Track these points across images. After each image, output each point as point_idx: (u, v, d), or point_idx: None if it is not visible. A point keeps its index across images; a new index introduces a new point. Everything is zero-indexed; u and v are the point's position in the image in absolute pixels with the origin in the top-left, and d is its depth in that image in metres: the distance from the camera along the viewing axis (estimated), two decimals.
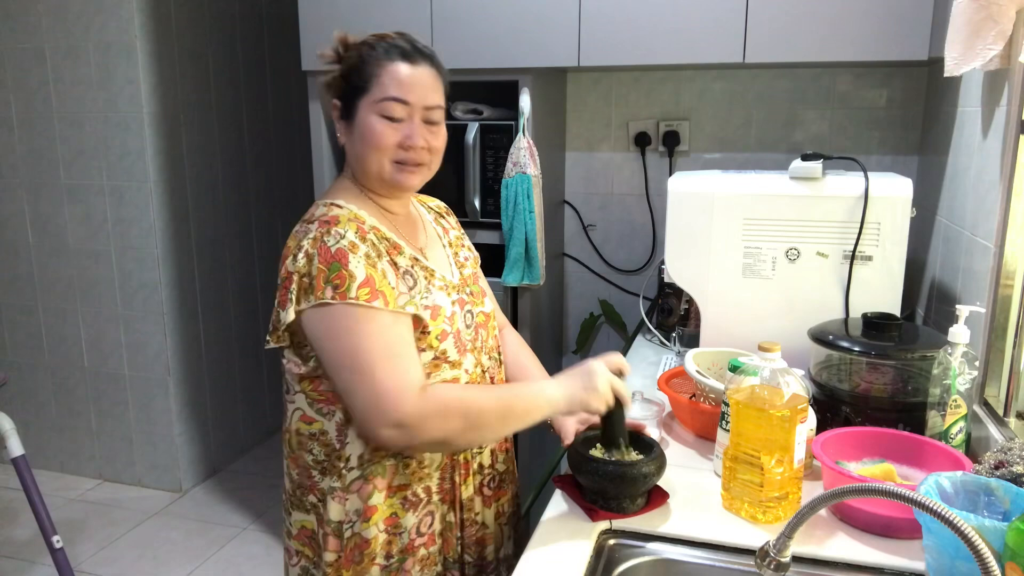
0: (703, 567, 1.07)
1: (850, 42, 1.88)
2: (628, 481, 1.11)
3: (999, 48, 1.27)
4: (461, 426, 1.06)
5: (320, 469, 1.15)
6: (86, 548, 2.73)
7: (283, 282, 1.07)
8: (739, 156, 2.42)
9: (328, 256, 1.04)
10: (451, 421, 1.05)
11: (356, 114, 1.13)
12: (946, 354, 1.21)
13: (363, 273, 1.04)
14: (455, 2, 2.13)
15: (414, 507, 1.16)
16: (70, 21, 2.81)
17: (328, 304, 1.03)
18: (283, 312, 1.07)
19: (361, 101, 1.12)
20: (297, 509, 1.20)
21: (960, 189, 1.62)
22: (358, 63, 1.12)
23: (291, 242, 1.10)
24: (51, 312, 3.12)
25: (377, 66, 1.11)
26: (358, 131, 1.13)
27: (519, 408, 1.10)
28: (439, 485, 1.18)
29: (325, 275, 1.03)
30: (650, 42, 2.02)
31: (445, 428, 1.05)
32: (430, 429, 1.04)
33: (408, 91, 1.11)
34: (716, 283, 1.66)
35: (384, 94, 1.10)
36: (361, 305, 1.03)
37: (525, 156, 2.09)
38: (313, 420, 1.14)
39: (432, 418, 1.03)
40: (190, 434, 3.15)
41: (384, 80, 1.10)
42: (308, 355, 1.10)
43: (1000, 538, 0.83)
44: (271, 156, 3.49)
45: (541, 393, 1.12)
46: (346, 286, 1.02)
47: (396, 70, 1.11)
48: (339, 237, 1.05)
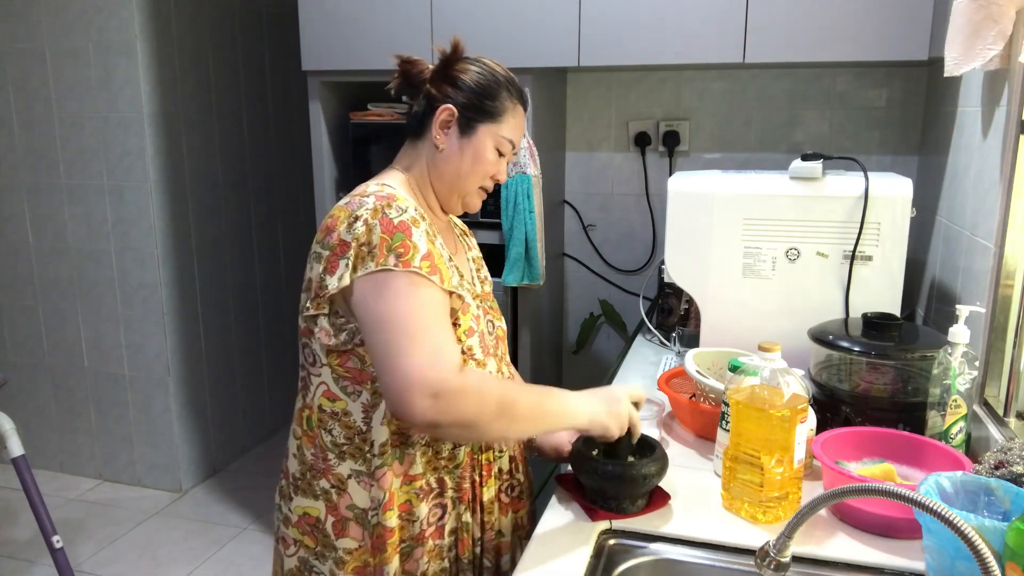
0: (703, 567, 1.07)
1: (850, 42, 1.88)
2: (629, 482, 1.11)
3: (999, 48, 1.27)
4: (494, 411, 1.04)
5: (338, 452, 1.13)
6: (86, 548, 2.73)
7: (335, 248, 1.06)
8: (739, 156, 2.42)
9: (391, 227, 1.04)
10: (487, 403, 1.04)
11: (475, 135, 1.17)
12: (946, 354, 1.21)
13: (425, 247, 1.06)
14: (455, 2, 2.13)
15: (426, 496, 1.15)
16: (70, 21, 2.81)
17: (390, 270, 1.03)
18: (330, 278, 1.05)
19: (485, 125, 1.17)
20: (302, 495, 1.17)
21: (960, 189, 1.62)
22: (491, 88, 1.17)
23: (340, 212, 1.08)
24: (51, 312, 3.12)
25: (510, 102, 1.19)
26: (472, 150, 1.17)
27: (551, 410, 1.11)
28: (458, 484, 1.18)
29: (388, 243, 1.03)
30: (650, 42, 2.02)
31: (479, 408, 1.03)
32: (465, 405, 1.01)
33: (520, 138, 1.22)
34: (716, 283, 1.66)
35: (509, 134, 1.19)
36: (423, 275, 1.04)
37: (525, 156, 2.09)
38: (337, 398, 1.13)
39: (470, 394, 1.02)
40: (190, 434, 3.15)
41: (512, 121, 1.19)
42: (343, 326, 1.09)
43: (1000, 538, 0.83)
44: (271, 156, 3.49)
45: (569, 402, 1.13)
46: (410, 255, 1.03)
47: (520, 116, 1.21)
48: (401, 211, 1.06)
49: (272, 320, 3.57)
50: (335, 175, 2.42)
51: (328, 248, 1.07)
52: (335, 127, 2.41)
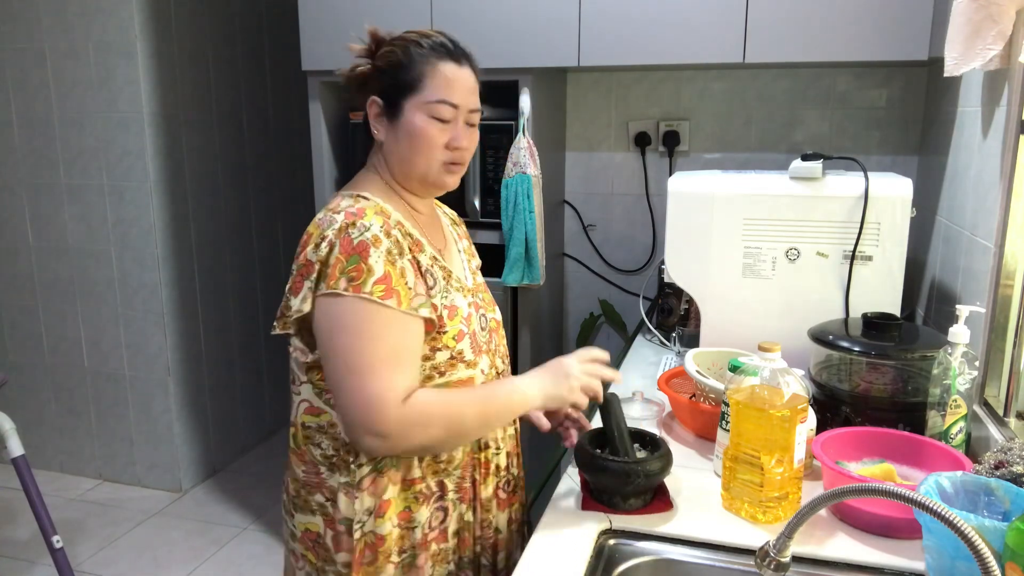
0: (703, 567, 1.07)
1: (850, 42, 1.88)
2: (633, 478, 1.11)
3: (999, 48, 1.27)
4: (442, 434, 1.06)
5: (329, 465, 1.12)
6: (86, 548, 2.73)
7: (300, 269, 1.06)
8: (739, 156, 2.42)
9: (349, 247, 1.02)
10: (432, 429, 1.05)
11: (402, 114, 1.11)
12: (946, 354, 1.21)
13: (381, 269, 1.02)
14: (455, 2, 2.13)
15: (427, 500, 1.14)
16: (70, 21, 2.81)
17: (340, 295, 1.01)
18: (294, 299, 1.05)
19: (408, 100, 1.10)
20: (301, 511, 1.16)
21: (960, 189, 1.62)
22: (404, 60, 1.11)
23: (313, 230, 1.07)
24: (51, 312, 3.12)
25: (427, 65, 1.10)
26: (404, 131, 1.11)
27: (495, 409, 1.11)
28: (458, 484, 1.17)
29: (342, 265, 1.01)
30: (650, 42, 2.02)
31: (426, 436, 1.05)
32: (411, 438, 1.04)
33: (456, 93, 1.11)
34: (716, 283, 1.66)
35: (435, 96, 1.10)
36: (374, 301, 1.01)
37: (525, 156, 2.09)
38: (321, 411, 1.12)
39: (413, 428, 1.03)
40: (190, 434, 3.15)
41: (435, 81, 1.10)
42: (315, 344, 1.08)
43: (1000, 538, 0.83)
44: (271, 156, 3.48)
45: (516, 391, 1.12)
46: (362, 279, 1.01)
47: (445, 71, 1.11)
48: (363, 230, 1.03)
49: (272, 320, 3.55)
50: (335, 175, 2.42)
51: (297, 266, 1.07)
52: (335, 127, 2.41)
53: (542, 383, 1.13)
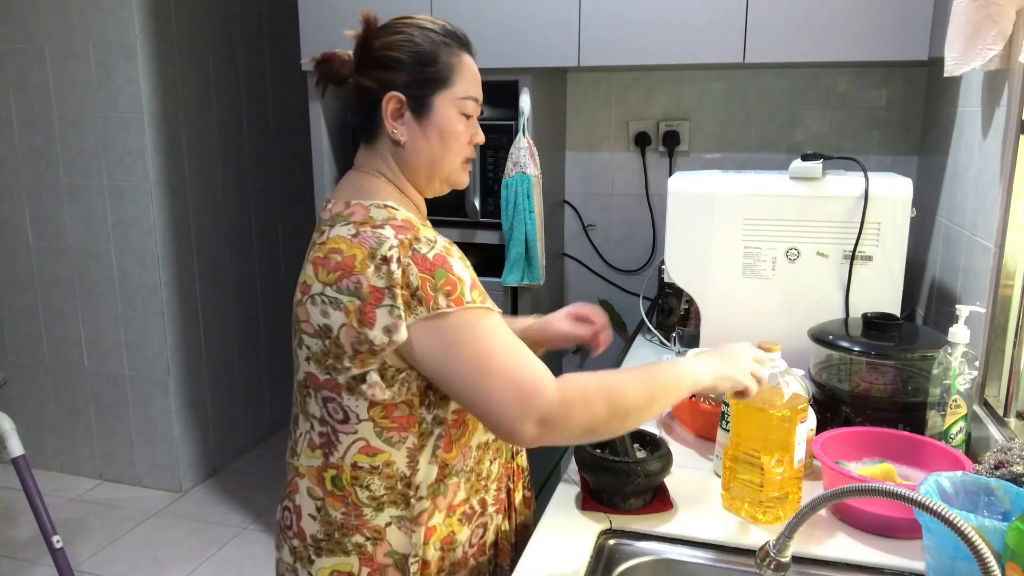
0: (703, 567, 1.07)
1: (850, 42, 1.88)
2: (633, 478, 1.11)
3: (999, 48, 1.27)
4: (606, 412, 0.97)
5: (376, 505, 1.03)
6: (86, 548, 2.73)
7: (367, 298, 0.94)
8: (739, 156, 2.42)
9: (427, 264, 0.94)
10: (595, 406, 0.97)
11: (432, 111, 1.03)
12: (946, 354, 1.21)
13: (467, 275, 0.97)
14: (455, 2, 2.13)
15: (469, 520, 1.10)
16: (70, 21, 2.81)
17: (445, 314, 0.94)
18: (372, 331, 0.94)
19: (438, 96, 1.03)
20: (329, 554, 1.06)
21: (960, 189, 1.62)
22: (430, 52, 1.03)
23: (355, 251, 0.96)
24: (51, 312, 3.12)
25: (454, 57, 1.05)
26: (436, 128, 1.04)
27: (662, 387, 1.02)
28: (495, 496, 1.14)
29: (432, 283, 0.93)
30: (650, 42, 2.02)
31: (590, 415, 0.96)
32: (574, 420, 0.96)
33: (479, 88, 1.08)
34: (716, 283, 1.66)
35: (465, 92, 1.05)
36: (478, 307, 0.96)
37: (525, 156, 2.09)
38: (378, 452, 1.02)
39: (576, 406, 0.95)
40: (190, 434, 3.15)
41: (464, 75, 1.05)
42: (394, 377, 0.99)
43: (1000, 538, 0.83)
44: (271, 156, 3.48)
45: (683, 369, 1.04)
46: (459, 291, 0.95)
47: (469, 65, 1.06)
48: (430, 243, 0.96)
49: (272, 320, 3.57)
50: (335, 175, 2.42)
51: (352, 295, 0.95)
52: (335, 127, 2.41)
53: (711, 364, 1.06)
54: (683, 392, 1.04)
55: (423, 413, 1.02)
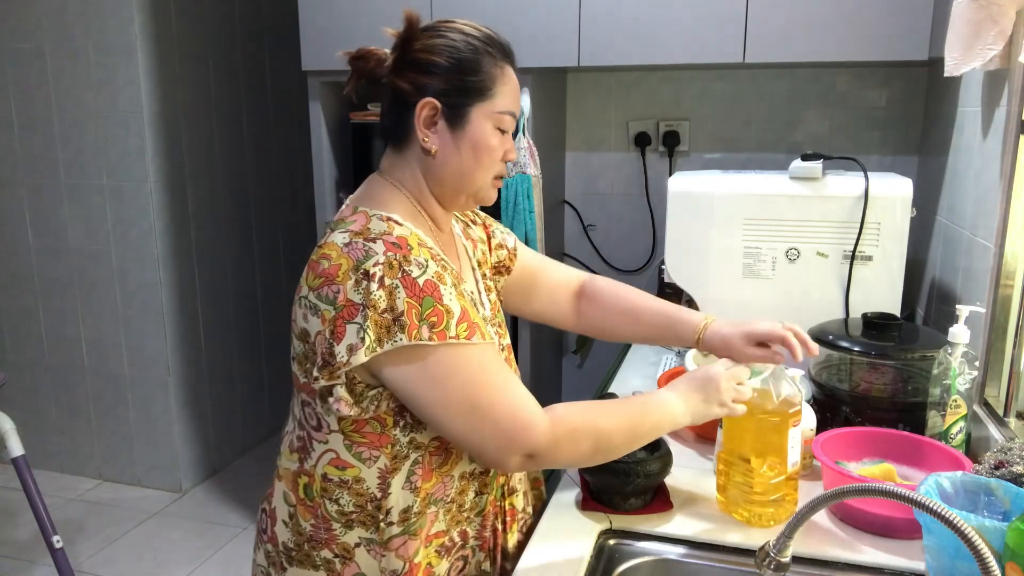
0: (703, 567, 1.07)
1: (850, 42, 1.88)
2: (633, 478, 1.11)
3: (999, 48, 1.27)
4: (590, 449, 0.99)
5: (345, 521, 1.00)
6: (86, 548, 2.73)
7: (341, 310, 0.90)
8: (739, 156, 2.42)
9: (416, 289, 0.89)
10: (581, 445, 0.98)
11: (468, 123, 0.99)
12: (946, 354, 1.21)
13: (458, 307, 0.92)
14: (455, 2, 2.13)
15: (448, 552, 1.06)
16: (70, 21, 2.81)
17: (426, 345, 0.90)
18: (338, 346, 0.90)
19: (476, 107, 0.98)
20: (299, 565, 1.03)
21: (960, 189, 1.62)
22: (472, 61, 0.98)
23: (342, 260, 0.92)
24: (51, 312, 3.12)
25: (496, 68, 0.99)
26: (470, 141, 0.99)
27: (645, 428, 1.03)
28: (478, 532, 1.09)
29: (418, 311, 0.89)
30: (650, 42, 2.02)
31: (576, 452, 0.99)
32: (561, 454, 0.97)
33: (518, 103, 1.03)
34: (716, 283, 1.66)
35: (505, 106, 1.00)
36: (463, 344, 0.92)
37: (525, 156, 2.09)
38: (348, 466, 0.99)
39: (563, 443, 0.96)
40: (190, 434, 3.15)
41: (505, 88, 1.00)
42: (363, 394, 0.95)
43: (1000, 538, 0.83)
44: (271, 156, 3.48)
45: (666, 410, 1.04)
46: (444, 324, 0.90)
47: (511, 78, 1.01)
48: (422, 266, 0.91)
49: (272, 320, 3.57)
50: (335, 175, 2.42)
51: (329, 304, 0.91)
52: (335, 127, 2.41)
53: (691, 403, 1.05)
54: (664, 431, 1.05)
55: (397, 434, 0.98)
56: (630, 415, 1.02)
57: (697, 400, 1.06)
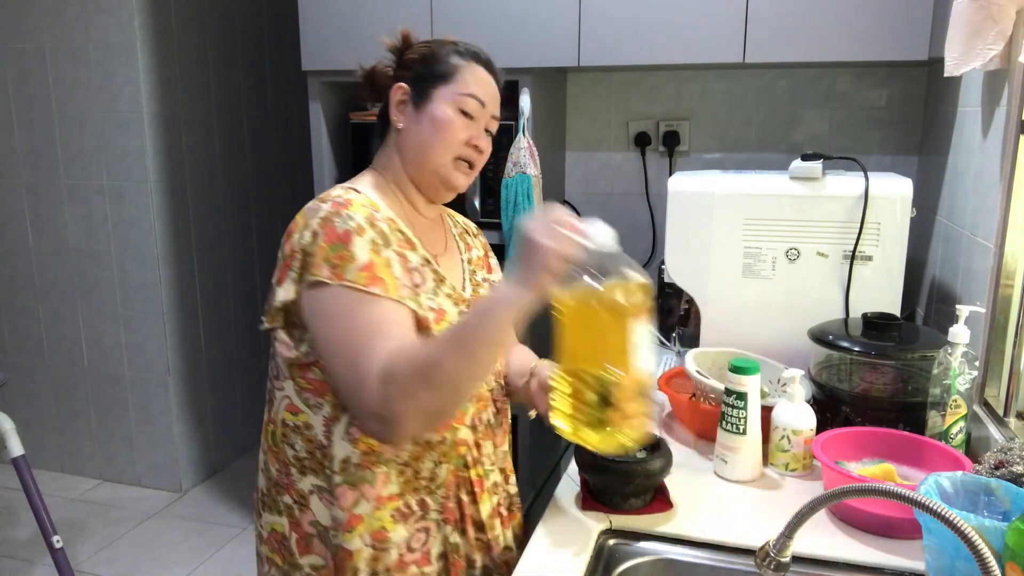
0: (703, 567, 1.07)
1: (850, 42, 1.88)
2: (633, 478, 1.11)
3: (999, 48, 1.27)
4: (429, 393, 0.92)
5: (300, 467, 1.09)
6: (86, 548, 2.73)
7: (285, 259, 1.03)
8: (739, 156, 2.42)
9: (334, 235, 0.98)
10: (417, 394, 0.91)
11: (430, 101, 1.09)
12: (946, 354, 1.21)
13: (366, 257, 0.98)
14: (455, 2, 2.13)
15: (404, 519, 1.08)
16: (70, 21, 2.81)
17: (324, 284, 0.97)
18: (280, 289, 1.03)
19: (438, 89, 1.10)
20: (269, 511, 1.13)
21: (960, 189, 1.62)
22: (439, 54, 1.12)
23: (299, 218, 1.04)
24: (51, 312, 3.12)
25: (461, 60, 1.11)
26: (429, 118, 1.09)
27: (472, 331, 0.92)
28: (442, 504, 1.11)
29: (325, 253, 0.98)
30: (650, 42, 2.02)
31: (416, 402, 0.92)
32: (403, 412, 0.92)
33: (485, 95, 1.12)
34: (716, 283, 1.66)
35: (467, 89, 1.10)
36: (358, 289, 0.96)
37: (525, 156, 2.09)
38: (299, 411, 1.08)
39: (398, 402, 0.92)
40: (190, 434, 3.15)
41: (468, 76, 1.11)
42: (300, 338, 1.04)
43: (1000, 538, 0.83)
44: (271, 156, 3.48)
45: (489, 299, 0.95)
46: (344, 266, 0.97)
47: (480, 73, 1.12)
48: (347, 219, 1.00)
49: None
50: (335, 175, 2.42)
51: (282, 256, 1.04)
52: (335, 127, 2.41)
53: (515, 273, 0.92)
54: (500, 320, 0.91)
55: None
56: (454, 330, 0.95)
57: (523, 266, 0.91)
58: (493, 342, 0.93)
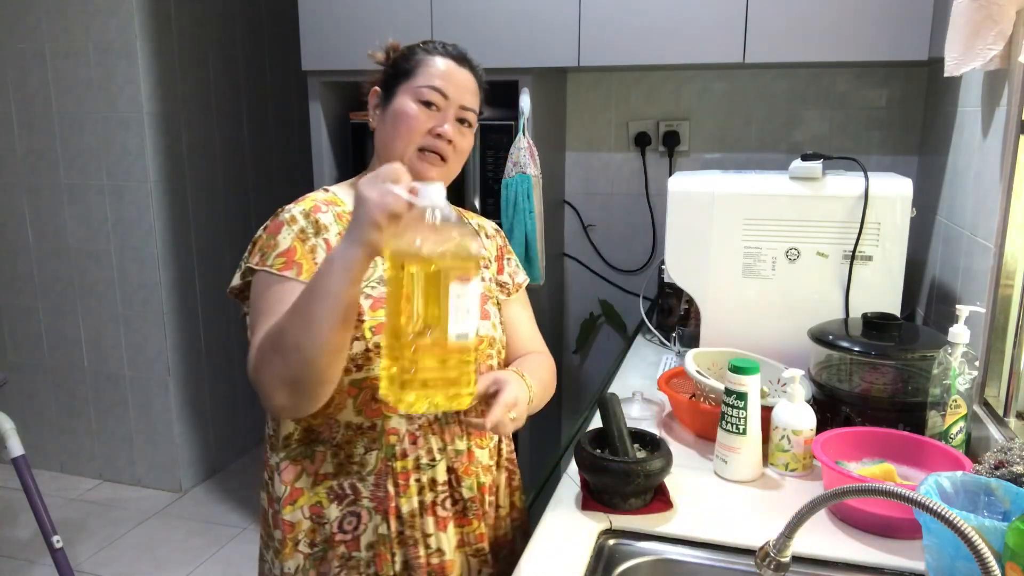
0: (703, 567, 1.07)
1: (850, 42, 1.88)
2: (633, 478, 1.11)
3: (999, 48, 1.27)
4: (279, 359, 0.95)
5: (270, 443, 1.17)
6: (86, 548, 2.73)
7: None
8: (739, 156, 2.42)
9: (272, 227, 1.10)
10: (271, 362, 0.96)
11: (393, 98, 1.14)
12: (946, 354, 1.21)
13: (288, 244, 1.07)
14: (455, 2, 2.13)
15: (339, 500, 1.11)
16: (70, 21, 2.81)
17: (253, 270, 1.08)
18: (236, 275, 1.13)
19: (401, 86, 1.14)
20: (260, 486, 1.22)
21: (960, 189, 1.62)
22: (406, 54, 1.16)
23: None
24: (51, 312, 3.12)
25: (424, 55, 1.15)
26: (391, 113, 1.13)
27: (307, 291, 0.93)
28: (372, 492, 1.11)
29: (262, 242, 1.09)
30: (650, 42, 2.02)
31: (273, 372, 0.96)
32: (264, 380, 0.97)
33: (448, 85, 1.12)
34: (716, 283, 1.66)
35: (428, 81, 1.12)
36: (272, 273, 1.05)
37: (525, 156, 2.09)
38: None
39: (261, 370, 0.97)
40: (190, 434, 3.15)
41: (428, 69, 1.13)
42: None
43: (1000, 538, 0.83)
44: (271, 156, 3.48)
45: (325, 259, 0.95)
46: (268, 254, 1.07)
47: (439, 63, 1.14)
48: (285, 212, 1.11)
49: None
50: (335, 175, 2.42)
51: None
52: (335, 127, 2.41)
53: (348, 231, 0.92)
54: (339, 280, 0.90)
55: None
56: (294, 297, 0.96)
57: (351, 224, 0.91)
58: (327, 298, 0.91)
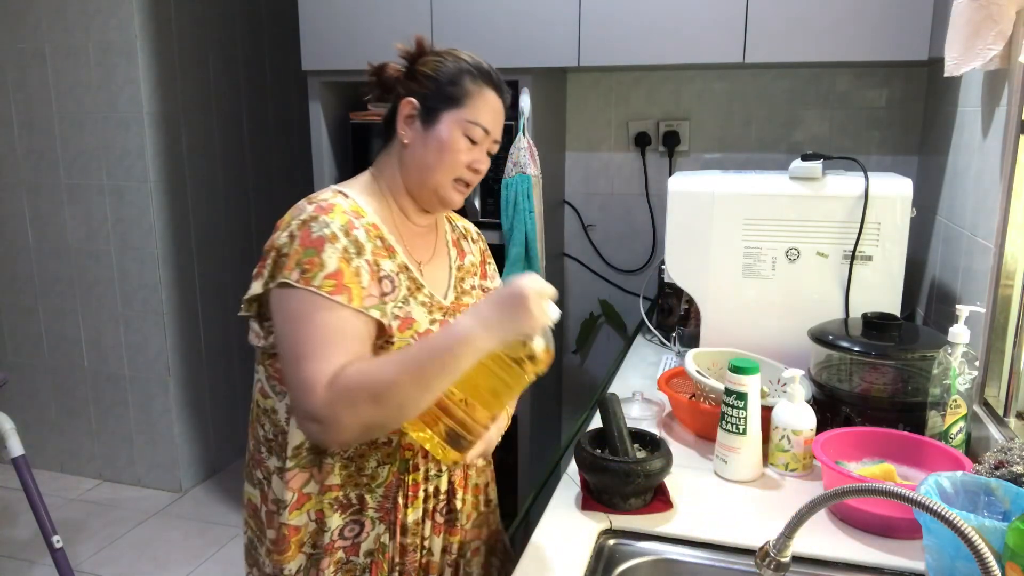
0: (703, 567, 1.07)
1: (850, 42, 1.88)
2: (633, 478, 1.11)
3: (999, 48, 1.27)
4: (373, 409, 0.96)
5: (268, 447, 1.16)
6: (86, 548, 2.73)
7: (265, 254, 1.07)
8: (739, 156, 2.42)
9: (308, 240, 1.02)
10: (361, 407, 0.96)
11: (438, 123, 1.12)
12: (946, 354, 1.21)
13: (335, 265, 1.02)
14: (455, 2, 2.13)
15: (343, 510, 1.13)
16: (70, 21, 2.81)
17: (291, 286, 1.01)
18: (254, 283, 1.08)
19: (448, 112, 1.12)
20: (247, 481, 1.22)
21: (960, 189, 1.62)
22: (453, 73, 1.13)
23: (287, 216, 1.08)
24: (51, 312, 3.12)
25: (475, 86, 1.13)
26: (435, 139, 1.12)
27: (434, 365, 0.96)
28: (379, 503, 1.14)
29: (299, 256, 1.02)
30: (650, 42, 2.02)
31: (357, 415, 0.96)
32: (343, 420, 0.96)
33: (493, 122, 1.15)
34: (716, 283, 1.66)
35: (475, 118, 1.12)
36: (322, 295, 1.00)
37: (525, 156, 2.09)
38: (268, 395, 1.15)
39: (341, 409, 0.96)
40: (190, 434, 3.15)
41: (478, 104, 1.13)
42: (269, 329, 1.09)
43: (1000, 538, 0.83)
44: (271, 156, 3.48)
45: (462, 341, 0.95)
46: (313, 273, 1.01)
47: (490, 99, 1.14)
48: (324, 226, 1.03)
49: None
50: (335, 175, 2.42)
51: (264, 251, 1.08)
52: (335, 127, 2.41)
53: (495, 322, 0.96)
54: (464, 360, 0.96)
55: None
56: (415, 357, 0.97)
57: (503, 321, 0.95)
58: (450, 375, 0.97)
